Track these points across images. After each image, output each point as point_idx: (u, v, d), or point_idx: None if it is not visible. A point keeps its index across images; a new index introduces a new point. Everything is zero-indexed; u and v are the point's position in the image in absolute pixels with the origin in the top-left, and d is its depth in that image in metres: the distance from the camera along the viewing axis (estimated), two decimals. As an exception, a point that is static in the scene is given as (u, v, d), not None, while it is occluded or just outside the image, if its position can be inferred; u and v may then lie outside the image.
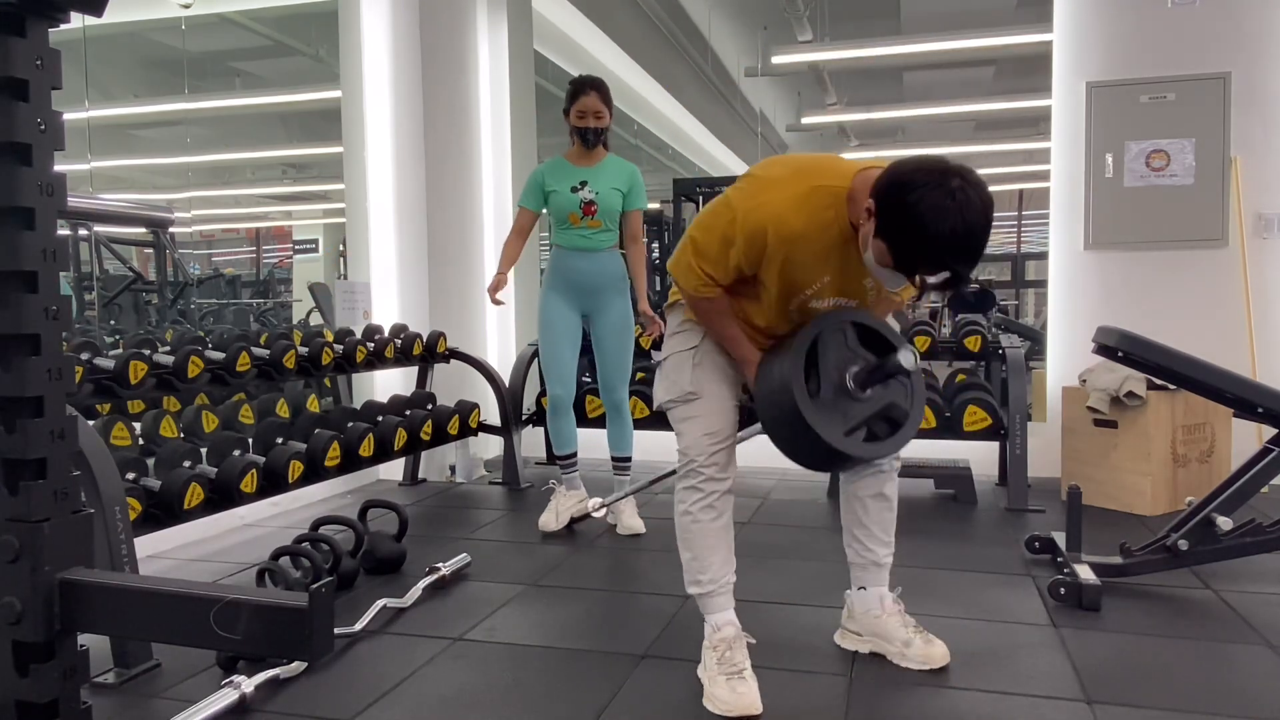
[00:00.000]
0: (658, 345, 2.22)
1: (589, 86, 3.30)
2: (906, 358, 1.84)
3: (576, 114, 3.31)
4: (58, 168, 1.33)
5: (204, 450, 3.10)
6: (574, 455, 3.56)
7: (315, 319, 6.50)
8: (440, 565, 2.84)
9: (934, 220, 1.62)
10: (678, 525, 2.10)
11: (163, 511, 2.62)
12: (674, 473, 2.20)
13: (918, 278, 1.74)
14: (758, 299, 2.01)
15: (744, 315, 2.05)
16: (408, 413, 3.87)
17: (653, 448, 3.99)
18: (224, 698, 1.95)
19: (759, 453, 3.11)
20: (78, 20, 1.39)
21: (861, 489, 2.18)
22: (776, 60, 8.41)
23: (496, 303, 3.51)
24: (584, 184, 3.33)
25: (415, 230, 4.64)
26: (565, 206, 3.35)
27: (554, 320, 3.43)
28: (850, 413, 1.91)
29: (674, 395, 2.10)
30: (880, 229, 1.71)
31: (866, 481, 2.17)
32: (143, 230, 6.09)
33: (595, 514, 3.42)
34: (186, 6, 5.58)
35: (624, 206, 3.38)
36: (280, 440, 3.32)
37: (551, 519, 3.45)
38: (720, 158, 10.82)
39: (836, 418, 1.89)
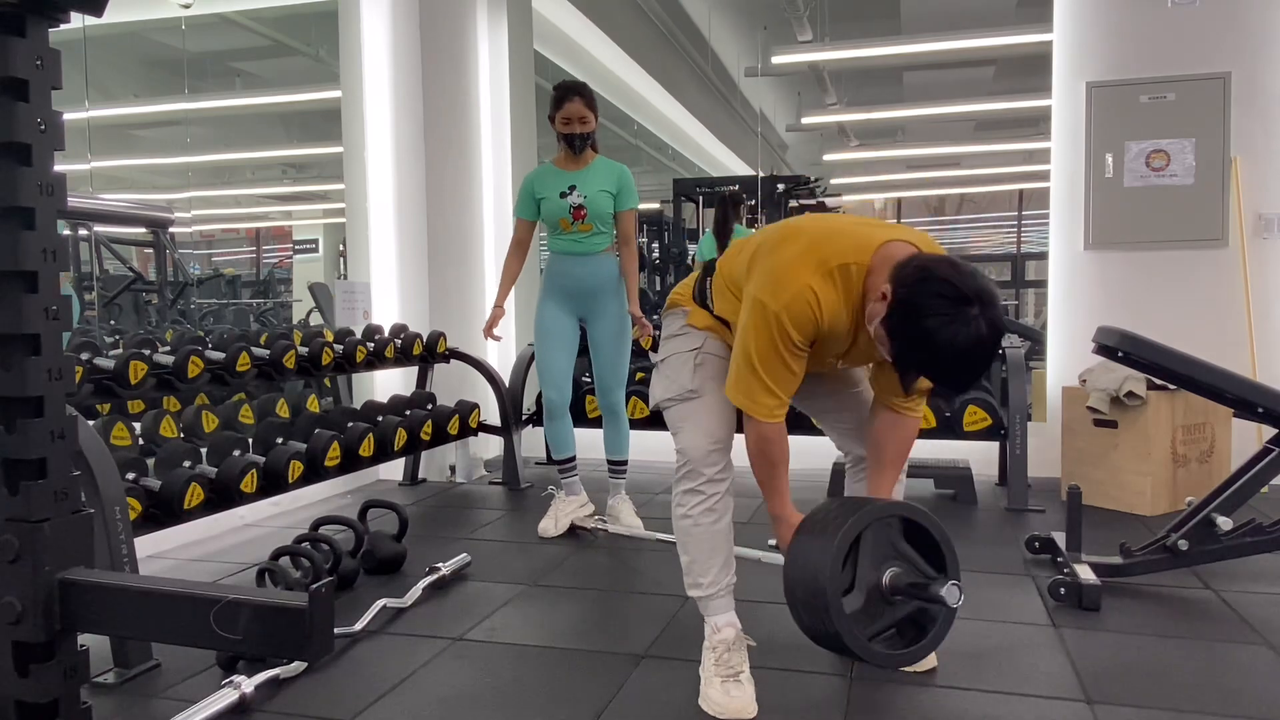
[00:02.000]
0: (657, 346, 2.21)
1: (572, 92, 3.29)
2: (952, 595, 1.74)
3: (561, 120, 3.30)
4: (58, 168, 1.33)
5: (204, 450, 3.10)
6: (572, 460, 3.56)
7: (315, 319, 6.50)
8: (440, 565, 2.84)
9: (943, 349, 1.63)
10: (676, 529, 2.08)
11: (163, 511, 2.62)
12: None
13: (912, 384, 1.79)
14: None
15: None
16: (408, 413, 3.87)
17: (652, 448, 3.99)
18: (224, 698, 1.95)
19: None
20: (78, 20, 1.39)
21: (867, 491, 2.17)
22: (776, 60, 8.40)
23: (494, 338, 3.52)
24: (572, 189, 3.33)
25: (415, 230, 4.65)
26: (555, 212, 3.35)
27: (548, 326, 3.43)
28: (879, 615, 1.82)
29: (673, 394, 2.08)
30: (888, 327, 1.70)
31: None
32: (143, 230, 6.09)
33: (597, 531, 3.41)
34: (186, 6, 5.58)
35: (614, 208, 3.38)
36: (280, 440, 3.32)
37: (551, 525, 3.45)
38: (720, 158, 10.81)
39: (864, 621, 1.80)
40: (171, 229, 6.08)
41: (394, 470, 4.44)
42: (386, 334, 4.06)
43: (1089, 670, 2.13)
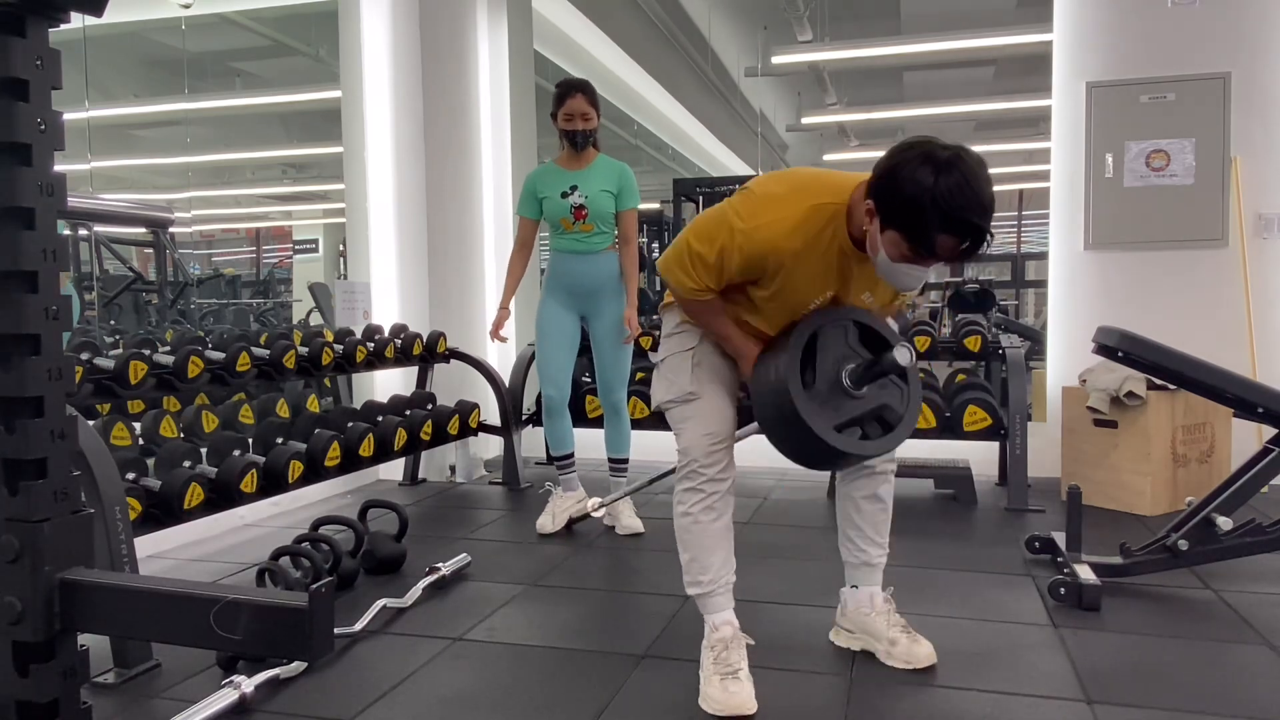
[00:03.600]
0: (657, 346, 2.22)
1: (575, 89, 3.30)
2: (902, 354, 1.83)
3: (564, 117, 3.30)
4: (58, 168, 1.33)
5: (204, 450, 3.11)
6: (570, 456, 3.56)
7: (315, 319, 6.50)
8: (440, 565, 2.84)
9: (931, 180, 1.63)
10: (677, 526, 2.10)
11: (163, 511, 2.62)
12: (672, 471, 2.19)
13: (941, 253, 1.70)
14: (757, 310, 2.01)
15: (745, 324, 2.05)
16: (408, 413, 3.87)
17: (653, 448, 3.98)
18: (224, 698, 1.95)
19: (759, 453, 3.12)
20: (78, 20, 1.39)
21: (855, 490, 2.18)
22: (776, 60, 8.40)
23: (500, 339, 3.53)
24: (574, 188, 3.33)
25: (415, 230, 4.65)
26: (557, 212, 3.35)
27: (549, 324, 3.43)
28: (844, 409, 1.91)
29: (673, 395, 2.10)
30: (885, 219, 1.71)
31: (861, 483, 2.17)
32: (143, 230, 6.09)
33: (594, 514, 3.42)
34: (186, 6, 5.57)
35: (616, 207, 3.38)
36: (280, 440, 3.32)
37: (548, 521, 3.45)
38: (720, 158, 10.81)
39: (829, 413, 1.89)
40: (171, 229, 6.08)
41: (394, 470, 4.44)
42: (386, 334, 4.06)
43: (1089, 670, 2.13)
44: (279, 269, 8.56)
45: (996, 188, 1.69)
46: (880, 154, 1.79)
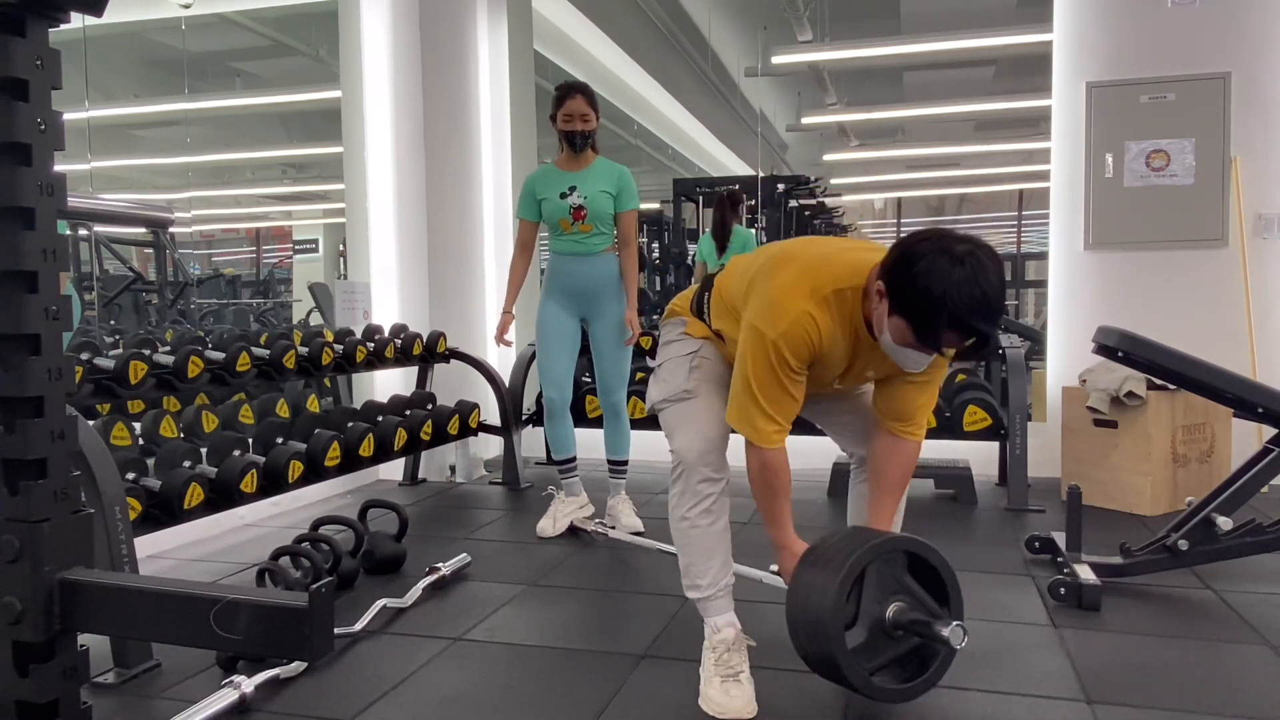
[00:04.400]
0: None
1: (573, 90, 3.30)
2: (956, 637, 1.75)
3: (563, 118, 3.31)
4: (58, 168, 1.33)
5: (204, 450, 3.11)
6: (573, 460, 3.56)
7: (315, 319, 6.50)
8: (440, 565, 2.84)
9: (945, 283, 1.60)
10: (674, 530, 2.08)
11: (163, 511, 2.62)
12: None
13: (944, 348, 1.70)
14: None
15: None
16: (408, 413, 3.87)
17: (652, 448, 3.97)
18: (224, 698, 1.95)
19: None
20: (78, 20, 1.39)
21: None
22: (776, 60, 8.40)
23: (504, 343, 3.53)
24: (573, 189, 3.33)
25: (415, 230, 4.65)
26: (556, 213, 3.36)
27: (549, 326, 3.43)
28: (881, 651, 1.83)
29: (668, 394, 2.08)
30: (894, 306, 1.69)
31: None
32: (143, 230, 6.09)
33: (595, 533, 3.41)
34: (186, 6, 5.58)
35: (615, 209, 3.38)
36: (280, 440, 3.32)
37: (549, 525, 3.44)
38: (720, 158, 10.81)
39: (867, 656, 1.81)
40: (171, 229, 6.09)
41: (394, 470, 4.44)
42: (386, 334, 4.06)
43: (1089, 670, 2.13)
44: (279, 269, 8.56)
45: (996, 188, 1.70)
46: (880, 154, 1.78)
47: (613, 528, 3.46)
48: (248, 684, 1.99)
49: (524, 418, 4.39)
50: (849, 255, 1.87)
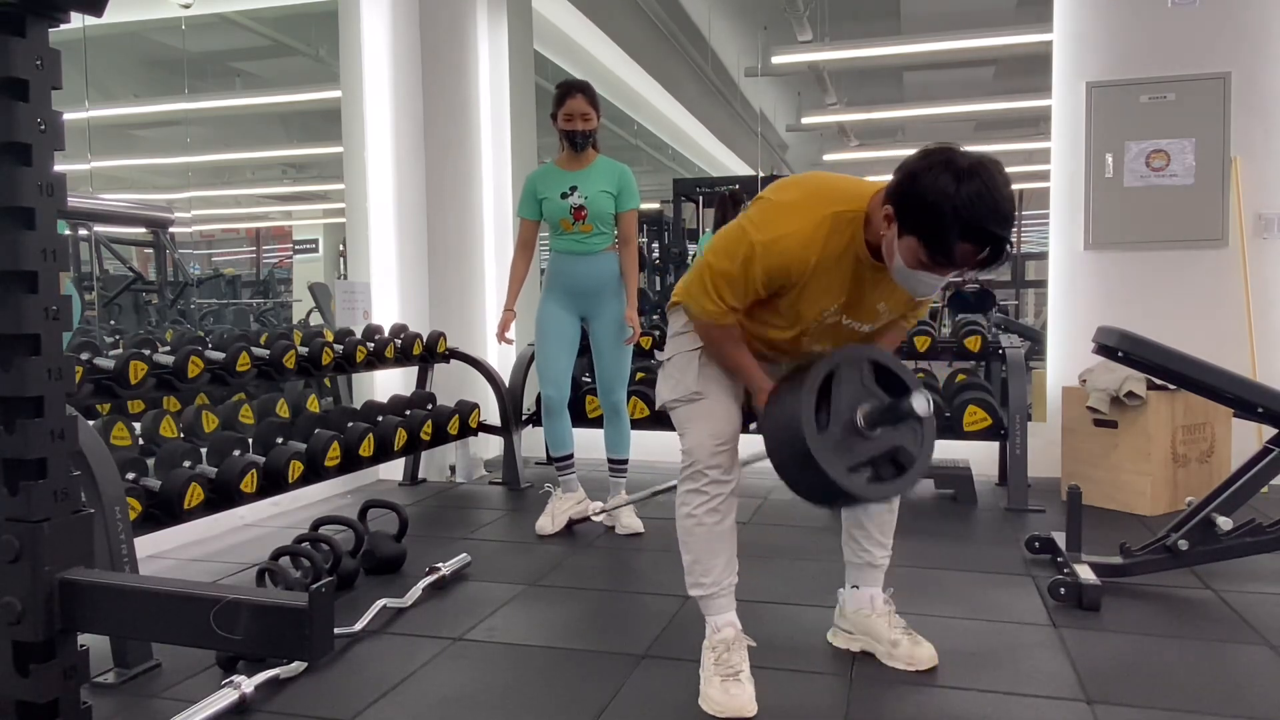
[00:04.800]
0: (660, 345, 2.21)
1: (575, 89, 3.30)
2: (920, 403, 1.78)
3: (564, 117, 3.31)
4: (58, 168, 1.33)
5: (204, 450, 3.10)
6: (570, 457, 3.56)
7: (315, 319, 6.50)
8: (440, 565, 2.84)
9: (953, 188, 1.61)
10: (680, 528, 2.09)
11: (163, 511, 2.62)
12: (673, 487, 2.17)
13: (959, 263, 1.68)
14: (765, 321, 1.99)
15: (751, 334, 2.03)
16: (408, 413, 3.87)
17: (653, 448, 3.99)
18: (224, 698, 1.95)
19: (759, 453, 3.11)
20: (78, 20, 1.39)
21: None
22: (776, 60, 8.40)
23: (505, 341, 3.53)
24: (574, 189, 3.34)
25: (415, 230, 4.64)
26: (556, 213, 3.36)
27: (549, 325, 3.44)
28: (857, 451, 1.87)
29: (678, 395, 2.09)
30: (904, 226, 1.69)
31: None
32: (143, 230, 6.09)
33: (595, 518, 3.42)
34: (186, 6, 5.58)
35: (615, 208, 3.38)
36: (280, 440, 3.32)
37: (548, 522, 3.45)
38: (720, 158, 10.82)
39: (843, 455, 1.85)
40: (171, 229, 6.09)
41: (394, 470, 4.44)
42: (386, 334, 4.06)
43: (1089, 670, 2.13)
44: (279, 269, 8.57)
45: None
46: (880, 154, 1.79)
47: (613, 527, 3.46)
48: (248, 684, 1.99)
49: (524, 418, 4.39)
50: (852, 183, 1.90)
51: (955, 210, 1.61)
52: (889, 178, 1.78)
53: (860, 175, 1.94)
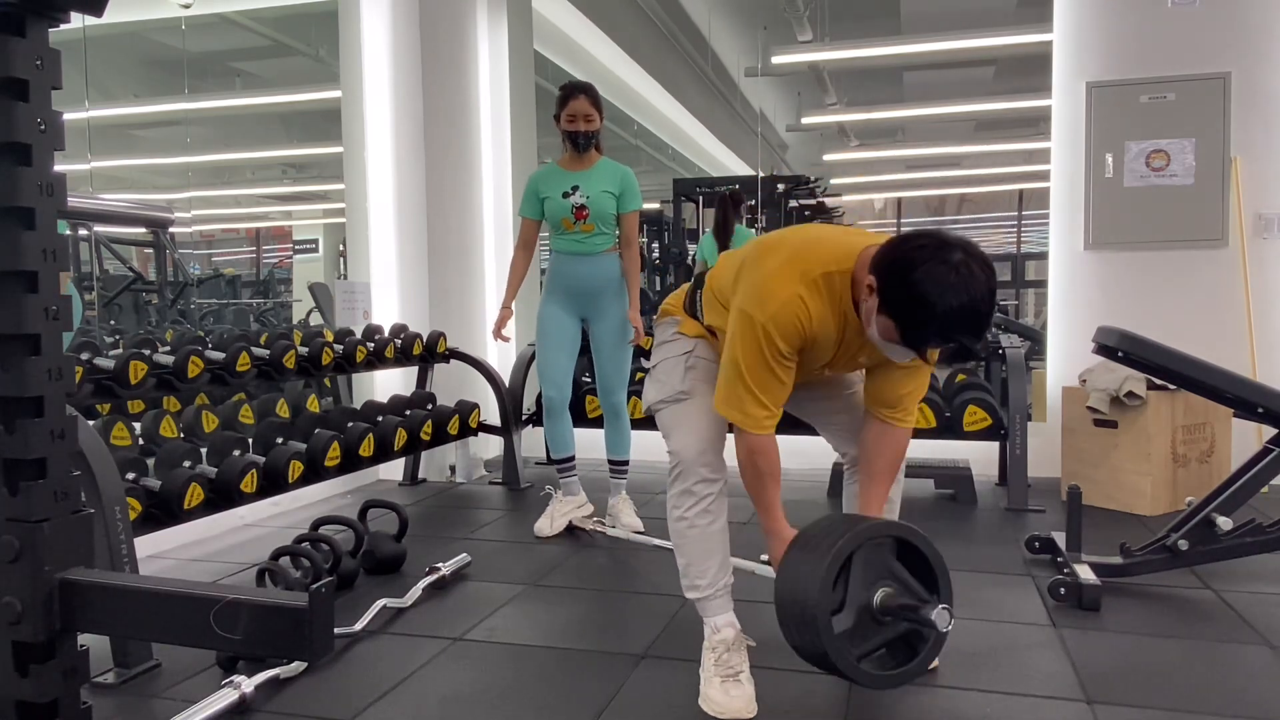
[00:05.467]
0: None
1: (578, 90, 3.31)
2: (941, 619, 1.74)
3: (566, 118, 3.31)
4: (58, 168, 1.33)
5: (204, 450, 3.10)
6: (571, 459, 3.56)
7: (315, 319, 6.50)
8: (440, 565, 2.84)
9: (938, 296, 1.60)
10: (672, 531, 2.08)
11: (163, 511, 2.62)
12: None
13: (928, 352, 1.73)
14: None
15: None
16: (408, 413, 3.87)
17: (653, 448, 3.96)
18: (224, 698, 1.95)
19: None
20: (78, 20, 1.39)
21: None
22: (776, 60, 8.40)
23: (502, 339, 3.53)
24: (575, 189, 3.34)
25: (415, 230, 4.64)
26: (558, 213, 3.36)
27: (550, 325, 3.44)
28: (870, 638, 1.81)
29: (664, 395, 2.08)
30: (884, 305, 1.69)
31: None
32: (143, 230, 6.09)
33: (594, 530, 3.41)
34: (186, 6, 5.58)
35: (617, 209, 3.39)
36: (280, 440, 3.32)
37: (546, 524, 3.44)
38: (720, 158, 10.81)
39: (854, 641, 1.79)
40: (171, 229, 6.08)
41: (394, 470, 4.44)
42: (386, 334, 4.06)
43: (1089, 670, 2.13)
44: (279, 269, 8.56)
45: (997, 188, 1.69)
46: (880, 154, 1.78)
47: (613, 526, 3.46)
48: (248, 684, 1.99)
49: (524, 418, 4.39)
50: (837, 239, 1.88)
51: (935, 318, 1.63)
52: (876, 239, 1.79)
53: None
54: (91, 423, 2.92)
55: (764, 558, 2.22)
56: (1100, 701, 1.97)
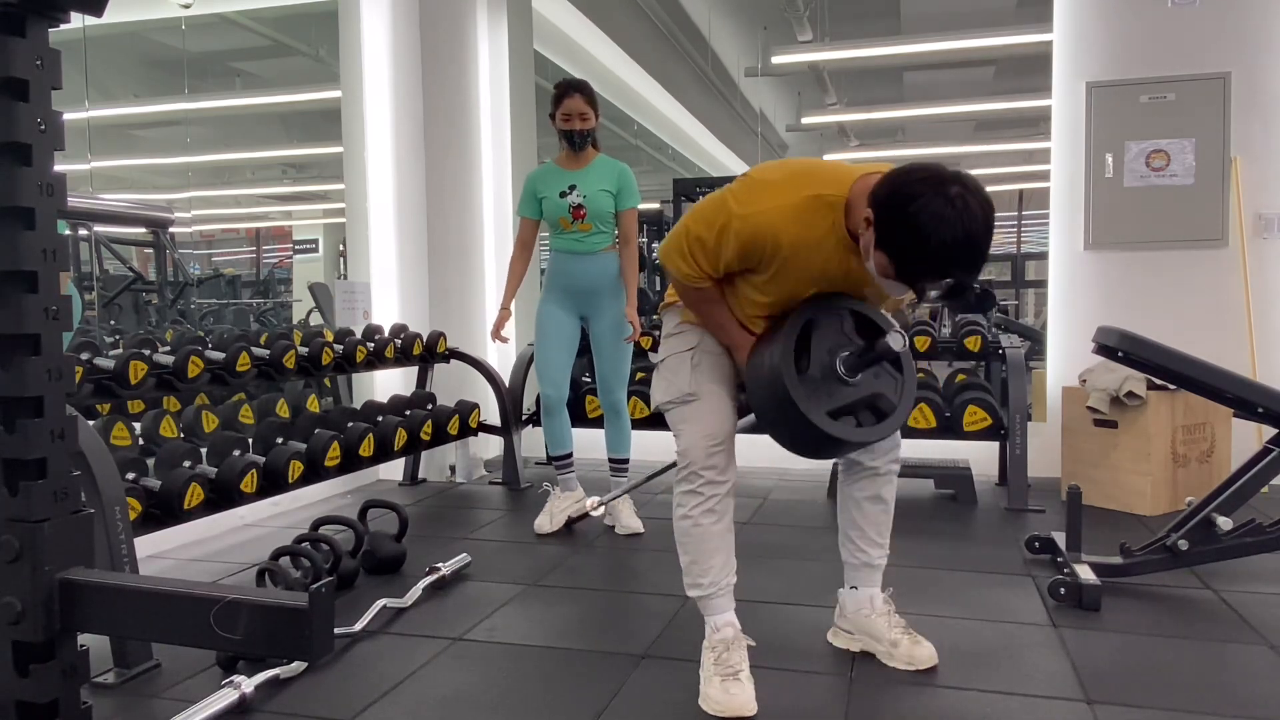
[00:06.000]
0: (659, 347, 2.22)
1: (572, 89, 3.31)
2: (895, 340, 1.84)
3: (562, 117, 3.31)
4: (58, 168, 1.33)
5: (204, 450, 3.10)
6: (569, 456, 3.56)
7: (315, 319, 6.50)
8: (440, 565, 2.84)
9: (935, 231, 1.60)
10: (677, 529, 2.09)
11: (163, 511, 2.62)
12: (673, 465, 2.18)
13: (923, 290, 1.74)
14: (751, 299, 2.00)
15: (741, 313, 2.05)
16: (408, 413, 3.87)
17: (653, 448, 3.98)
18: (224, 698, 1.95)
19: (759, 453, 3.12)
20: (78, 20, 1.39)
21: (858, 491, 2.18)
22: (776, 60, 8.40)
23: (501, 339, 3.54)
24: (573, 188, 3.34)
25: (415, 230, 4.65)
26: (556, 212, 3.36)
27: (548, 324, 3.44)
28: (837, 396, 1.91)
29: (672, 396, 2.09)
30: (880, 239, 1.69)
31: (863, 484, 2.17)
32: (143, 230, 6.09)
33: (594, 513, 3.42)
34: (186, 6, 5.58)
35: (615, 207, 3.39)
36: (280, 440, 3.32)
37: (546, 521, 3.45)
38: (720, 158, 10.81)
39: (823, 399, 1.90)
40: (171, 229, 6.09)
41: (394, 470, 4.44)
42: (386, 334, 4.06)
43: (1089, 670, 2.13)
44: (279, 269, 8.56)
45: (997, 188, 1.69)
46: (880, 154, 1.78)
47: (612, 526, 3.46)
48: (248, 684, 1.99)
49: (524, 418, 4.39)
50: (833, 168, 1.92)
51: (931, 251, 1.63)
52: (876, 168, 1.79)
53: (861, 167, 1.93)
54: (91, 423, 2.92)
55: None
56: (1100, 701, 1.97)
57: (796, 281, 1.93)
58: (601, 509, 3.40)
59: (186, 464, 2.89)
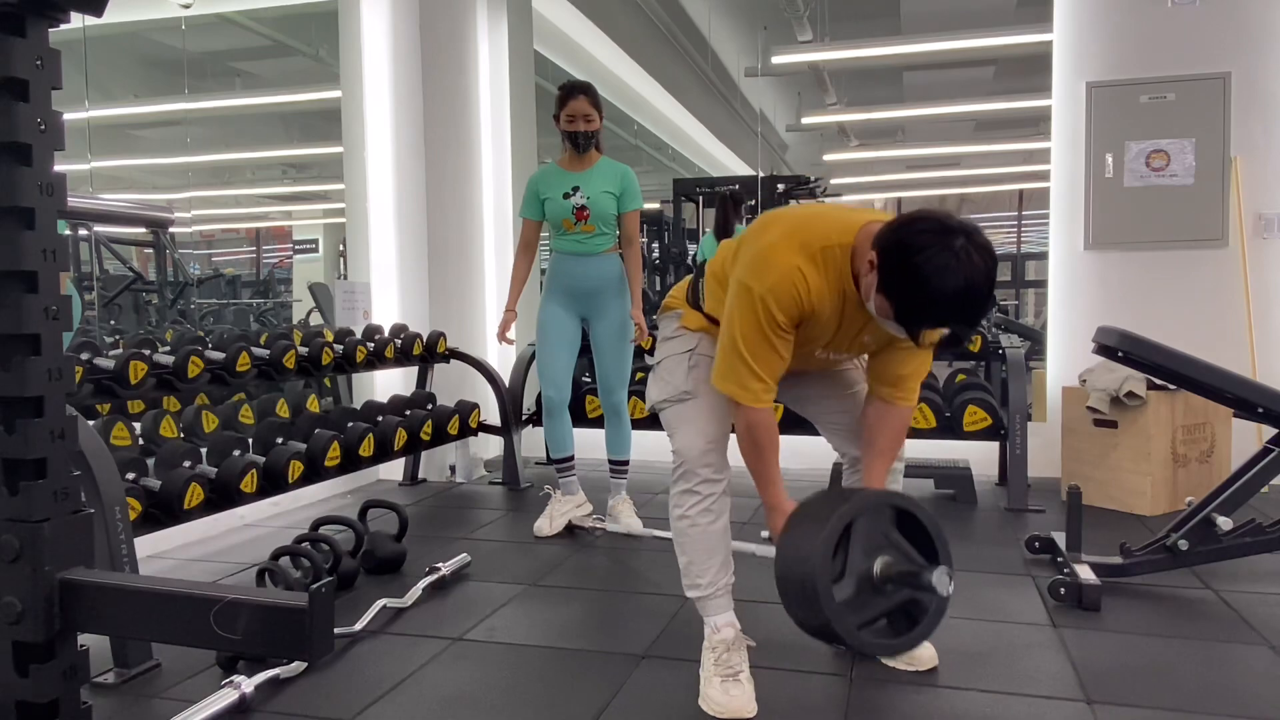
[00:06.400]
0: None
1: (577, 90, 3.31)
2: (942, 582, 1.75)
3: (566, 118, 3.31)
4: (58, 168, 1.33)
5: (204, 450, 3.10)
6: (570, 459, 3.56)
7: (315, 319, 6.50)
8: (440, 565, 2.84)
9: (937, 283, 1.60)
10: (674, 530, 2.09)
11: (163, 511, 2.62)
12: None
13: (922, 336, 1.73)
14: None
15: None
16: (408, 413, 3.87)
17: (653, 448, 3.98)
18: (224, 698, 1.95)
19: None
20: (78, 20, 1.39)
21: None
22: (776, 60, 8.40)
23: (506, 341, 3.54)
24: (576, 189, 3.34)
25: (415, 230, 4.65)
26: (559, 213, 3.36)
27: (550, 325, 3.44)
28: (870, 606, 1.81)
29: (668, 395, 2.08)
30: (883, 285, 1.69)
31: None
32: (143, 230, 6.09)
33: (595, 532, 3.41)
34: (186, 6, 5.57)
35: (618, 209, 3.39)
36: (280, 440, 3.32)
37: (546, 524, 3.44)
38: (720, 158, 10.81)
39: (855, 610, 1.79)
40: (171, 229, 6.08)
41: (394, 470, 4.44)
42: (386, 334, 4.06)
43: (1089, 670, 2.13)
44: (279, 269, 8.56)
45: (997, 188, 1.70)
46: (880, 154, 1.78)
47: (614, 522, 3.46)
48: (248, 684, 1.99)
49: (524, 418, 4.39)
50: (837, 214, 1.89)
51: (931, 303, 1.63)
52: (878, 216, 1.78)
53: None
54: (91, 423, 2.92)
55: (764, 534, 2.22)
56: (1100, 701, 1.97)
57: (813, 336, 1.90)
58: (601, 530, 3.41)
59: (186, 464, 2.89)
